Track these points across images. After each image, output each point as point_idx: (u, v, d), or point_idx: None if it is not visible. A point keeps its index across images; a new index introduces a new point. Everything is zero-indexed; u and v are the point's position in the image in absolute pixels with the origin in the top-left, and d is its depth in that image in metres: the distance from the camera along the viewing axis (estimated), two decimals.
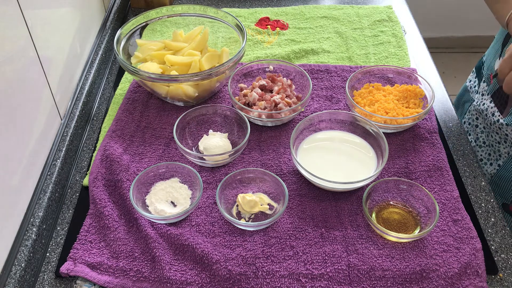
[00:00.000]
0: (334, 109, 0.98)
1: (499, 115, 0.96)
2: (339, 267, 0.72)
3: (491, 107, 0.99)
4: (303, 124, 0.88)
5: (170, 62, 0.98)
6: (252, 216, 0.79)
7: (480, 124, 1.04)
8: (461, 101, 1.13)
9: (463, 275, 0.71)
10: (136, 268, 0.72)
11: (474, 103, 1.05)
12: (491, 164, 1.01)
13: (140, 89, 1.03)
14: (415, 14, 1.31)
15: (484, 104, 1.02)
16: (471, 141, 1.06)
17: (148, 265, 0.73)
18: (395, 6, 1.32)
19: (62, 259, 0.75)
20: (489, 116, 0.99)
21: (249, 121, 0.90)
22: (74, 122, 0.92)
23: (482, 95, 1.03)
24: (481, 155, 1.03)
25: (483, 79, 1.05)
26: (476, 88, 1.07)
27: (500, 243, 0.78)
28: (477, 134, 1.05)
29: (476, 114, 1.05)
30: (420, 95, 0.96)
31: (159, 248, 0.74)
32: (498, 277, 0.73)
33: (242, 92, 0.97)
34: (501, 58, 0.95)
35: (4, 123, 0.70)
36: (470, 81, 1.11)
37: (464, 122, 1.09)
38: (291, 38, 1.19)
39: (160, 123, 0.95)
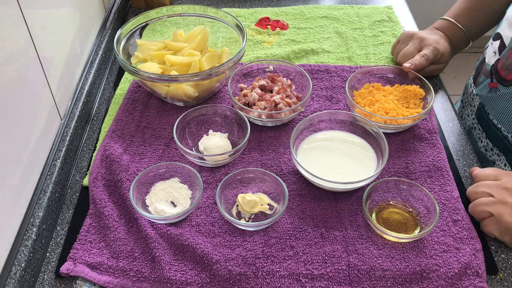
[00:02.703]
0: (334, 109, 0.98)
1: (473, 86, 1.02)
2: (339, 267, 0.72)
3: (470, 78, 1.05)
4: (303, 124, 0.88)
5: (170, 62, 0.98)
6: (252, 216, 0.79)
7: (464, 99, 1.09)
8: None
9: (463, 275, 0.71)
10: (136, 268, 0.72)
11: None
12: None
13: (140, 89, 1.03)
14: (415, 14, 1.31)
15: (469, 79, 1.08)
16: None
17: (148, 265, 0.73)
18: (395, 6, 1.32)
19: (62, 259, 0.75)
20: (468, 89, 1.06)
21: (249, 121, 0.90)
22: (74, 122, 0.92)
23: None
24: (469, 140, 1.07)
25: None
26: None
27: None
28: (460, 109, 1.11)
29: (464, 90, 1.11)
30: (420, 95, 0.96)
31: (159, 248, 0.74)
32: (498, 277, 0.73)
33: (242, 92, 0.97)
34: None
35: (4, 123, 0.70)
36: None
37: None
38: (291, 38, 1.19)
39: (160, 123, 0.95)
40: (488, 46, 0.99)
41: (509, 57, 0.89)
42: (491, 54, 0.95)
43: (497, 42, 0.93)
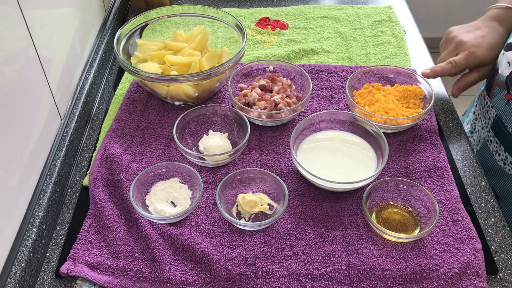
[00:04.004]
0: (334, 109, 0.98)
1: (488, 98, 0.99)
2: (339, 267, 0.72)
3: (483, 90, 1.02)
4: (303, 124, 0.88)
5: (170, 62, 0.98)
6: (252, 216, 0.79)
7: (476, 111, 1.06)
8: None
9: (463, 275, 0.71)
10: (136, 268, 0.72)
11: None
12: (473, 149, 1.04)
13: (140, 89, 1.03)
14: (415, 14, 1.31)
15: (481, 89, 1.05)
16: (467, 130, 1.08)
17: (148, 265, 0.73)
18: (395, 6, 1.32)
19: (62, 259, 0.75)
20: (482, 100, 1.02)
21: (249, 121, 0.90)
22: (74, 122, 0.92)
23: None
24: (469, 140, 1.05)
25: None
26: None
27: (500, 243, 0.78)
28: (473, 121, 1.08)
29: (476, 101, 1.08)
30: (420, 95, 0.96)
31: (159, 248, 0.74)
32: (498, 277, 0.73)
33: (242, 92, 0.97)
34: None
35: (4, 123, 0.70)
36: None
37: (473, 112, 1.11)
38: (291, 38, 1.19)
39: (160, 123, 0.95)
40: (498, 56, 0.97)
41: None
42: (504, 65, 0.91)
43: (510, 53, 0.90)
